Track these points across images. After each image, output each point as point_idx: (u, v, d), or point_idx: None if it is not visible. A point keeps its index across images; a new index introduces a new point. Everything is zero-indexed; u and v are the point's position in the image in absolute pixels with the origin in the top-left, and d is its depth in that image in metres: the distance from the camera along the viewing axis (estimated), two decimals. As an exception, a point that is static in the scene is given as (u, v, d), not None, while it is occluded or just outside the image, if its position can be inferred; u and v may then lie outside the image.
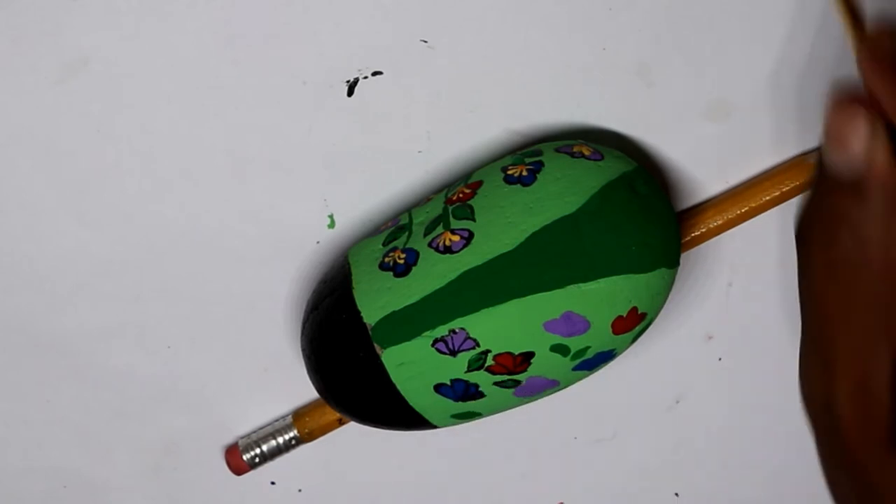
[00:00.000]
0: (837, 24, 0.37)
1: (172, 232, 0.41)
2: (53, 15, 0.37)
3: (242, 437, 0.44)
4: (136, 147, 0.39)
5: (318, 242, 0.41)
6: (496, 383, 0.36)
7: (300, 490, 0.46)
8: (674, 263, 0.36)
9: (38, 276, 0.41)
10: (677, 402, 0.44)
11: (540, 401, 0.39)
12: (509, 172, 0.36)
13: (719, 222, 0.39)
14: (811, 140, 0.39)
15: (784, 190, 0.39)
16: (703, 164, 0.40)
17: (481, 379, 0.36)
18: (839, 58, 0.38)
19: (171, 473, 0.46)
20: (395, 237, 0.37)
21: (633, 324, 0.36)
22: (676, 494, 0.46)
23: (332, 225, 0.41)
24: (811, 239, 0.32)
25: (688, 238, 0.39)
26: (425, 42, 0.38)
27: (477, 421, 0.39)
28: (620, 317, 0.35)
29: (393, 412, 0.38)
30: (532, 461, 0.46)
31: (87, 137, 0.39)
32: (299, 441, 0.43)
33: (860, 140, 0.29)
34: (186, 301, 0.42)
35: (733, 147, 0.39)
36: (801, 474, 0.45)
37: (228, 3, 0.37)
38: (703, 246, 0.41)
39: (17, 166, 0.39)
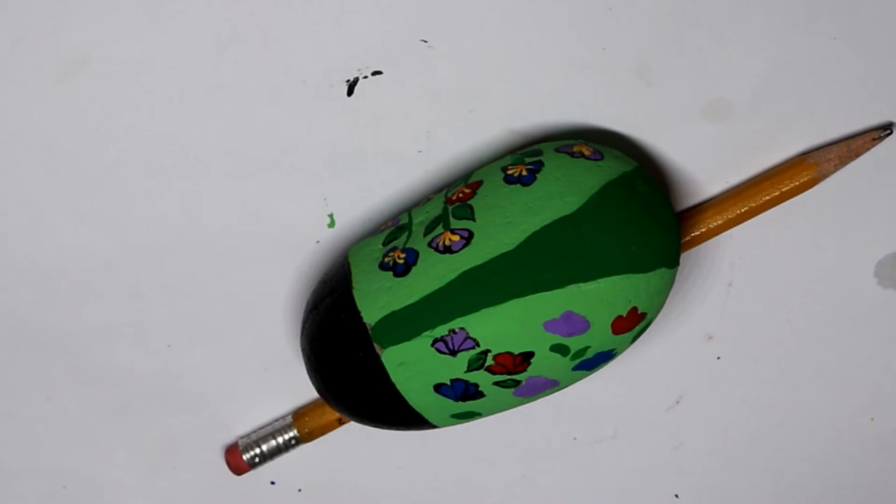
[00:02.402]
0: (836, 24, 0.37)
1: (172, 231, 0.41)
2: (53, 15, 0.37)
3: (242, 437, 0.44)
4: (136, 147, 0.39)
5: (318, 242, 0.41)
6: (496, 383, 0.36)
7: (300, 490, 0.46)
8: (674, 263, 0.36)
9: (38, 275, 0.41)
10: (677, 402, 0.44)
11: (539, 401, 0.39)
12: (509, 172, 0.36)
13: (719, 222, 0.39)
14: (811, 140, 0.39)
15: (784, 190, 0.39)
16: (702, 164, 0.40)
17: (481, 379, 0.36)
18: (839, 58, 0.38)
19: (170, 473, 0.46)
20: (395, 237, 0.37)
21: (633, 323, 0.36)
22: (676, 496, 0.46)
23: (332, 224, 0.41)
24: None
25: (688, 238, 0.39)
26: (425, 42, 0.38)
27: (477, 421, 0.39)
28: (620, 317, 0.35)
29: (393, 412, 0.37)
30: (531, 461, 0.46)
31: (87, 137, 0.39)
32: (299, 441, 0.43)
33: None
34: (186, 300, 0.42)
35: (733, 147, 0.39)
36: (801, 474, 0.45)
37: (228, 3, 0.37)
38: (703, 246, 0.41)
39: (17, 166, 0.39)
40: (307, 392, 0.43)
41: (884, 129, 0.38)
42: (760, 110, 0.39)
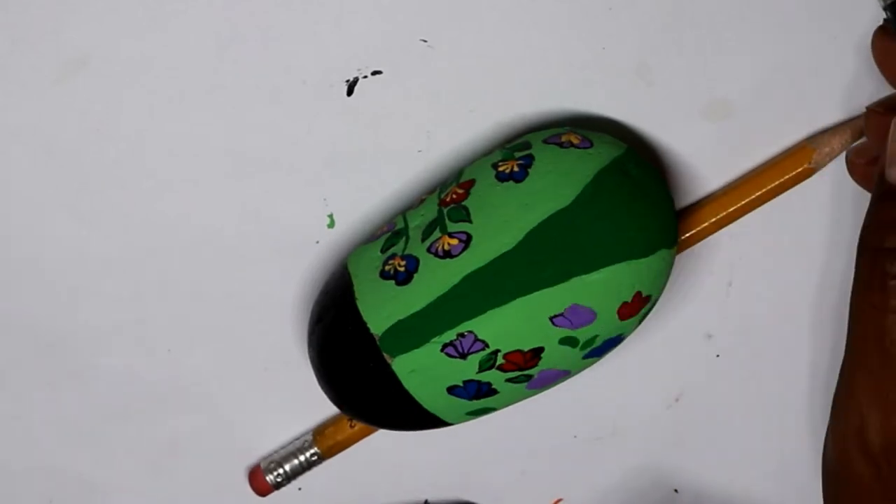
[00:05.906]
0: (836, 24, 0.37)
1: (172, 231, 0.41)
2: (53, 15, 0.37)
3: (264, 458, 0.44)
4: (136, 147, 0.39)
5: (317, 242, 0.41)
6: (508, 380, 0.36)
7: (300, 489, 0.46)
8: (672, 243, 0.36)
9: (38, 276, 0.41)
10: (676, 399, 0.44)
11: (539, 398, 0.39)
12: (500, 169, 0.36)
13: (721, 215, 0.39)
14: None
15: (784, 178, 0.38)
16: (703, 164, 0.40)
17: (493, 378, 0.36)
18: (839, 58, 0.38)
19: (170, 474, 0.46)
20: (393, 243, 0.37)
21: (638, 307, 0.36)
22: (676, 490, 0.46)
23: (331, 225, 0.41)
24: (868, 249, 0.30)
25: (687, 235, 0.39)
26: (425, 42, 0.38)
27: (476, 420, 0.39)
28: (626, 303, 0.35)
29: (408, 416, 0.38)
30: (531, 458, 0.46)
31: (87, 137, 0.39)
32: (321, 457, 0.43)
33: None
34: (186, 300, 0.42)
35: (733, 147, 0.39)
36: (800, 471, 0.45)
37: (228, 3, 0.37)
38: (702, 243, 0.41)
39: (17, 166, 0.39)
40: (307, 391, 0.43)
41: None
42: (760, 110, 0.39)
